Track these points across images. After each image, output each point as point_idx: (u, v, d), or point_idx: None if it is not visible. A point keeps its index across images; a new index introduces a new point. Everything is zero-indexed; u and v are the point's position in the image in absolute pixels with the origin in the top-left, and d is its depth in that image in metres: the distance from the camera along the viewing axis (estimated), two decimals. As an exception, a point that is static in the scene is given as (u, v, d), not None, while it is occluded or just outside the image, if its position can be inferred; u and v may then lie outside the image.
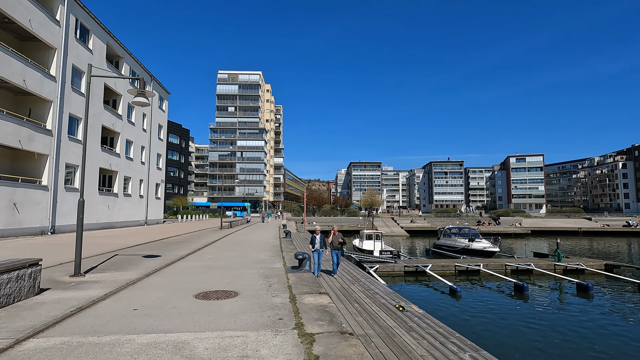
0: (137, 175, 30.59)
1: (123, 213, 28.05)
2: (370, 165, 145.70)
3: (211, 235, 21.17)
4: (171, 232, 23.32)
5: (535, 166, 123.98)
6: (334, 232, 10.22)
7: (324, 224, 64.12)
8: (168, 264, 9.40)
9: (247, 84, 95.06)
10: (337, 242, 9.89)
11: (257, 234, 22.60)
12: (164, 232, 23.23)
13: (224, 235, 20.63)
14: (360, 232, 33.18)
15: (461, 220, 68.44)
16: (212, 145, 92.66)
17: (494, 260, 23.36)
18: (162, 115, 36.56)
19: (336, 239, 10.08)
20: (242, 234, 22.83)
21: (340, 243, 9.94)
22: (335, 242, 9.99)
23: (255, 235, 21.97)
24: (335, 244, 9.94)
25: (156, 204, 35.18)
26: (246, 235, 21.72)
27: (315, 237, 9.74)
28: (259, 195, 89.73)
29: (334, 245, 10.02)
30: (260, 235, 22.00)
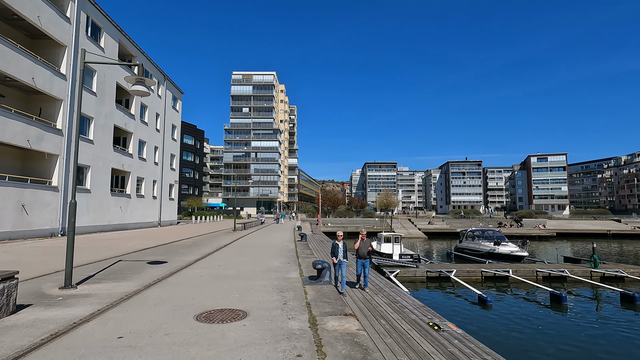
0: (150, 176, 30.14)
1: (136, 214, 27.59)
2: (386, 166, 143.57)
3: (224, 237, 20.36)
4: (183, 234, 22.63)
5: (557, 166, 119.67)
6: (363, 237, 8.75)
7: (339, 225, 62.95)
8: (172, 273, 8.50)
9: (261, 84, 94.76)
10: (367, 250, 8.51)
11: (271, 237, 21.69)
12: (176, 234, 22.57)
13: (236, 238, 19.77)
14: (377, 234, 31.94)
15: (483, 223, 66.20)
16: (227, 146, 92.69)
17: (523, 266, 21.81)
18: (175, 116, 36.16)
19: (365, 245, 8.59)
20: (255, 236, 21.96)
21: (370, 251, 8.54)
22: (363, 250, 8.56)
23: (269, 238, 21.05)
24: (364, 251, 8.55)
25: (170, 205, 34.75)
26: (260, 238, 20.82)
27: (338, 245, 8.42)
28: (273, 196, 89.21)
29: (361, 253, 8.67)
30: (275, 238, 21.08)
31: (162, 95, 32.68)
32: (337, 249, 8.22)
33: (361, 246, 8.76)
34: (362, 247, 8.65)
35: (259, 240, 18.61)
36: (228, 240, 18.62)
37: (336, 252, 8.18)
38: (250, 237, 20.81)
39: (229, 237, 20.83)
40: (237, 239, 19.15)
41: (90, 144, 21.70)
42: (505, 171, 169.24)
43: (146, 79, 7.07)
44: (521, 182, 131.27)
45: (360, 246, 8.76)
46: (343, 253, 8.23)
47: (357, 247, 8.81)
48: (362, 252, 8.64)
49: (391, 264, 22.85)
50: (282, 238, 20.73)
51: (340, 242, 8.42)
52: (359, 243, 8.73)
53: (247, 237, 20.70)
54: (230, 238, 19.89)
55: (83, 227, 20.83)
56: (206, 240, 18.62)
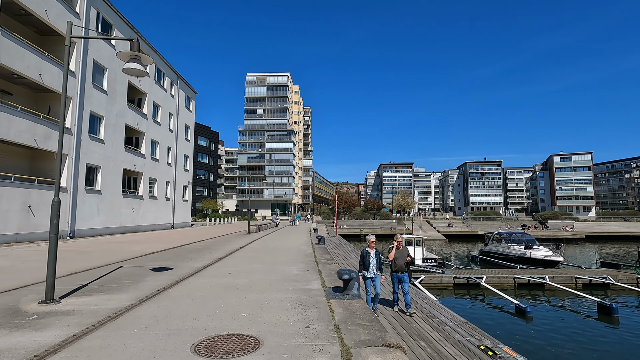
0: (163, 177, 29.51)
1: (148, 216, 26.94)
2: (401, 167, 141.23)
3: (237, 240, 19.35)
4: (196, 236, 21.76)
5: (582, 165, 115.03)
6: (398, 245, 7.08)
7: (355, 227, 61.50)
8: (176, 282, 7.41)
9: (276, 85, 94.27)
10: (404, 261, 7.01)
11: (286, 240, 20.56)
12: (189, 236, 21.71)
13: (250, 241, 18.72)
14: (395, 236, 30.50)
15: (503, 224, 63.64)
16: (241, 147, 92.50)
17: (561, 272, 20.05)
18: (189, 116, 35.56)
19: (402, 255, 6.96)
20: (270, 239, 20.87)
21: (408, 263, 7.05)
22: (400, 261, 6.89)
23: (285, 240, 19.93)
24: (401, 263, 7.03)
25: (183, 206, 34.11)
26: (275, 240, 19.72)
27: (369, 254, 6.67)
28: (288, 197, 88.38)
29: (398, 266, 7.01)
30: (291, 240, 19.94)
31: (175, 95, 32.09)
32: (368, 259, 6.55)
33: (397, 256, 6.99)
34: (399, 258, 6.95)
35: (274, 244, 17.51)
36: (241, 243, 17.58)
37: (368, 264, 6.51)
38: (265, 240, 19.74)
39: (243, 239, 19.81)
40: (250, 242, 18.09)
41: (100, 144, 21.07)
42: (525, 171, 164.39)
43: (142, 55, 6.00)
44: (543, 182, 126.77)
45: (397, 256, 6.99)
46: (377, 263, 6.62)
47: (392, 258, 7.08)
48: (399, 263, 6.95)
49: (414, 268, 21.43)
50: (298, 241, 19.58)
51: (372, 251, 6.79)
52: (393, 253, 7.05)
53: (262, 240, 19.64)
54: (244, 241, 18.86)
55: (93, 230, 20.16)
56: (218, 243, 17.63)
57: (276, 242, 18.84)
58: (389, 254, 7.22)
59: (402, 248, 7.20)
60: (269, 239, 20.54)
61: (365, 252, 6.86)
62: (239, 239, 20.03)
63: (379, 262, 6.78)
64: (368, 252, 6.85)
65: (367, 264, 6.71)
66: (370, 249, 6.87)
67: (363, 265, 6.69)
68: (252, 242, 18.06)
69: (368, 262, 6.71)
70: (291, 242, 19.04)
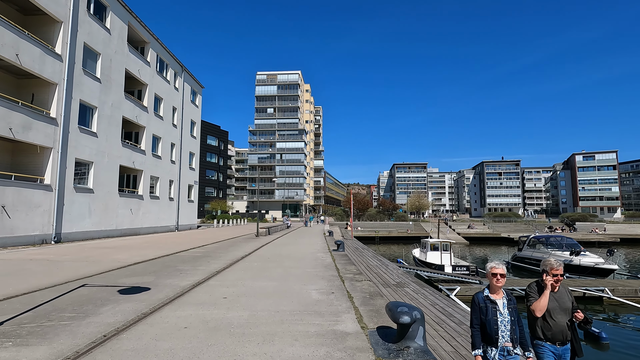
0: (165, 176, 27.37)
1: (149, 218, 24.80)
2: (415, 167, 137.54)
3: (244, 245, 16.93)
4: (199, 240, 19.44)
5: (606, 164, 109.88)
6: (554, 284, 3.32)
7: (370, 229, 58.71)
8: (141, 317, 4.96)
9: (286, 84, 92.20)
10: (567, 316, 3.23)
11: (300, 244, 18.06)
12: (191, 240, 19.40)
13: (258, 247, 16.28)
14: (421, 241, 27.69)
15: (527, 226, 60.04)
16: (251, 148, 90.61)
17: (622, 283, 17.08)
18: (195, 111, 33.46)
19: (563, 304, 3.29)
20: (281, 243, 18.40)
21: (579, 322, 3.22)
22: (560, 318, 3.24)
23: (298, 245, 17.43)
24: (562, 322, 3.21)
25: (189, 207, 31.97)
26: (287, 245, 17.24)
27: (495, 305, 3.11)
28: (299, 198, 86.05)
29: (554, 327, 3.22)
30: (304, 245, 17.44)
31: (179, 87, 29.99)
32: (493, 317, 3.05)
33: (553, 307, 3.27)
34: (557, 310, 3.27)
35: (286, 250, 15.02)
36: (248, 249, 15.15)
37: (493, 329, 3.00)
38: (275, 245, 17.28)
39: (250, 244, 17.38)
40: (258, 248, 15.65)
41: (93, 137, 18.94)
42: (543, 171, 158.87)
43: None
44: (564, 182, 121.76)
45: (552, 308, 3.26)
46: (513, 329, 3.04)
47: (541, 310, 3.27)
48: (559, 323, 3.26)
49: (445, 277, 18.73)
50: (313, 246, 17.06)
51: (499, 295, 3.18)
52: (545, 299, 3.24)
53: (271, 245, 17.17)
54: (250, 246, 16.43)
55: (84, 233, 18.02)
56: (221, 249, 15.25)
57: (288, 247, 16.35)
58: (533, 304, 3.34)
59: (558, 289, 3.40)
60: (280, 244, 18.07)
61: (482, 300, 3.21)
62: (246, 244, 17.62)
63: (516, 327, 3.10)
64: (491, 300, 3.18)
65: (491, 330, 3.06)
66: (495, 294, 3.21)
67: (481, 332, 3.14)
68: (260, 248, 15.61)
69: (493, 327, 3.06)
70: (305, 247, 16.52)
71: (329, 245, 17.78)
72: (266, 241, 19.41)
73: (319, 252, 14.42)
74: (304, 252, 14.11)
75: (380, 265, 15.65)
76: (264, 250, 14.92)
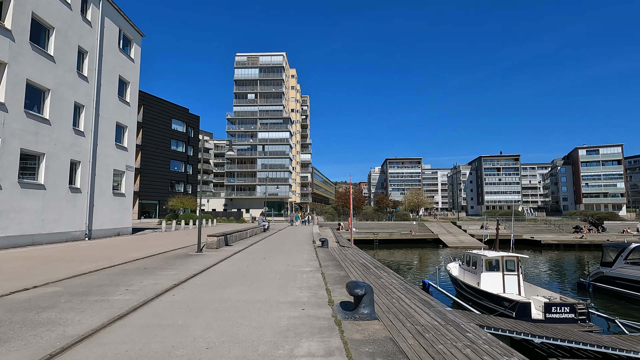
0: (61, 153, 17.24)
1: (20, 220, 14.68)
2: (409, 162, 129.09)
3: (164, 273, 7.06)
4: (89, 259, 9.56)
5: (611, 159, 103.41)
6: None
7: (367, 230, 49.24)
8: None
9: (269, 66, 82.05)
10: None
11: (269, 275, 8.30)
12: (81, 258, 9.49)
13: (186, 278, 6.44)
14: (465, 254, 18.29)
15: (547, 225, 51.68)
16: (230, 138, 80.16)
17: None
18: (127, 65, 23.25)
19: None
20: (233, 271, 8.57)
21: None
22: None
23: (265, 279, 7.67)
24: None
25: (115, 204, 21.82)
26: (236, 282, 7.43)
27: None
28: (284, 195, 76.20)
29: None
30: (279, 267, 7.70)
31: (94, 22, 19.80)
32: None
33: None
34: None
35: (238, 289, 5.33)
36: (163, 285, 5.35)
37: None
38: (225, 271, 7.53)
39: (180, 269, 7.54)
40: (184, 282, 5.84)
41: None
42: (539, 168, 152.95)
43: None
44: (565, 178, 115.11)
45: None
46: None
47: None
48: None
49: (539, 331, 9.31)
50: (294, 280, 7.38)
51: None
52: None
53: (219, 271, 7.42)
54: (174, 277, 6.60)
55: None
56: (108, 285, 5.38)
57: (248, 278, 6.66)
58: None
59: None
60: (239, 265, 8.29)
61: None
62: (173, 269, 7.81)
63: None
64: None
65: None
66: None
67: None
68: (187, 283, 5.82)
69: None
70: (277, 290, 6.83)
71: (325, 276, 8.18)
72: (204, 265, 9.59)
73: (308, 299, 4.87)
74: (276, 297, 4.49)
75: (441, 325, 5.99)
76: (190, 291, 5.20)
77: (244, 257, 12.44)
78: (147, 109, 48.23)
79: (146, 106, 48.01)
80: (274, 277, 8.34)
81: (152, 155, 48.76)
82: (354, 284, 5.48)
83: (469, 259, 17.14)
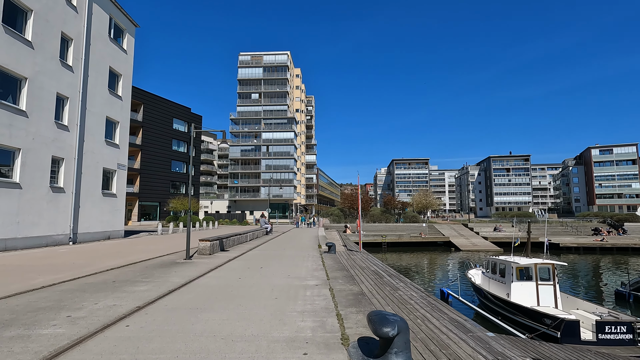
0: (41, 148, 15.66)
1: (-11, 222, 13.08)
2: (416, 163, 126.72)
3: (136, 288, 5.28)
4: (70, 268, 7.87)
5: (626, 159, 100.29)
6: None
7: (375, 232, 47.28)
8: None
9: (273, 65, 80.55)
10: None
11: (273, 275, 6.54)
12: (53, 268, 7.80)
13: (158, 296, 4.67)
14: (489, 260, 16.39)
15: (564, 227, 49.30)
16: (234, 139, 78.71)
17: None
18: (118, 55, 21.69)
19: None
20: (222, 284, 6.82)
21: None
22: None
23: (270, 279, 5.91)
24: None
25: (105, 205, 20.20)
26: (243, 282, 5.69)
27: None
28: (289, 197, 74.50)
29: None
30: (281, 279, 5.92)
31: (80, 8, 18.25)
32: None
33: None
34: None
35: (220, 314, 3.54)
36: (121, 308, 3.56)
37: None
38: (211, 285, 5.73)
39: (156, 283, 5.78)
40: (152, 303, 4.09)
41: None
42: (549, 168, 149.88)
43: None
44: (577, 179, 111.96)
45: None
46: None
47: None
48: None
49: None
50: (296, 281, 5.58)
51: None
52: None
53: (203, 286, 5.62)
54: (142, 295, 4.82)
55: None
56: (49, 309, 3.57)
57: (219, 314, 4.84)
58: None
59: None
60: (212, 293, 6.52)
61: None
62: (130, 290, 6.06)
63: None
64: None
65: None
66: None
67: None
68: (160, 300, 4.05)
69: None
70: (273, 313, 5.05)
71: (334, 292, 6.38)
72: (187, 277, 7.83)
73: (315, 347, 3.04)
74: None
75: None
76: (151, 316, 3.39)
77: (239, 265, 10.67)
78: (147, 108, 46.82)
79: (146, 105, 46.60)
80: (269, 295, 6.55)
81: (152, 155, 47.34)
82: (380, 317, 3.66)
83: (494, 266, 15.22)
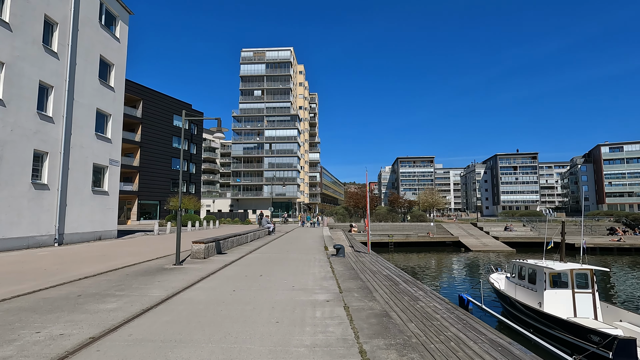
0: (22, 142, 14.29)
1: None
2: (421, 161, 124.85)
3: (100, 307, 3.80)
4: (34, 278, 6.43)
5: (637, 156, 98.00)
6: None
7: (381, 232, 45.75)
8: None
9: (276, 62, 79.06)
10: None
11: (274, 285, 5.09)
12: (10, 279, 6.34)
13: (124, 320, 3.22)
14: (514, 263, 14.78)
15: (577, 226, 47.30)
16: (236, 137, 77.38)
17: None
18: (109, 43, 20.28)
19: None
20: (228, 283, 5.40)
21: None
22: None
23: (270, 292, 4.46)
24: None
25: (95, 203, 18.83)
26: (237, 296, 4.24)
27: None
28: (292, 195, 73.11)
29: None
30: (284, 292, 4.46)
31: (67, -10, 16.86)
32: None
33: None
34: None
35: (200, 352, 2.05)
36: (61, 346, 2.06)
37: None
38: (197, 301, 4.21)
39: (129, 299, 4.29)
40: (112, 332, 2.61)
41: None
42: (556, 166, 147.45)
43: None
44: (586, 177, 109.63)
45: None
46: None
47: None
48: None
49: None
50: (302, 295, 4.09)
51: None
52: None
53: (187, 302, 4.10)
54: (104, 320, 3.34)
55: None
56: None
57: (200, 352, 3.39)
58: None
59: None
60: (196, 314, 5.07)
61: None
62: (92, 309, 4.62)
63: None
64: None
65: None
66: None
67: None
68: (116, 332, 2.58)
69: None
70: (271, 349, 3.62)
71: (350, 312, 4.85)
72: (172, 288, 6.39)
73: None
74: None
75: None
76: None
77: (235, 272, 9.22)
78: (147, 104, 45.50)
79: (145, 101, 45.28)
80: (268, 318, 5.08)
81: (152, 152, 46.05)
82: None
83: (521, 270, 13.67)
